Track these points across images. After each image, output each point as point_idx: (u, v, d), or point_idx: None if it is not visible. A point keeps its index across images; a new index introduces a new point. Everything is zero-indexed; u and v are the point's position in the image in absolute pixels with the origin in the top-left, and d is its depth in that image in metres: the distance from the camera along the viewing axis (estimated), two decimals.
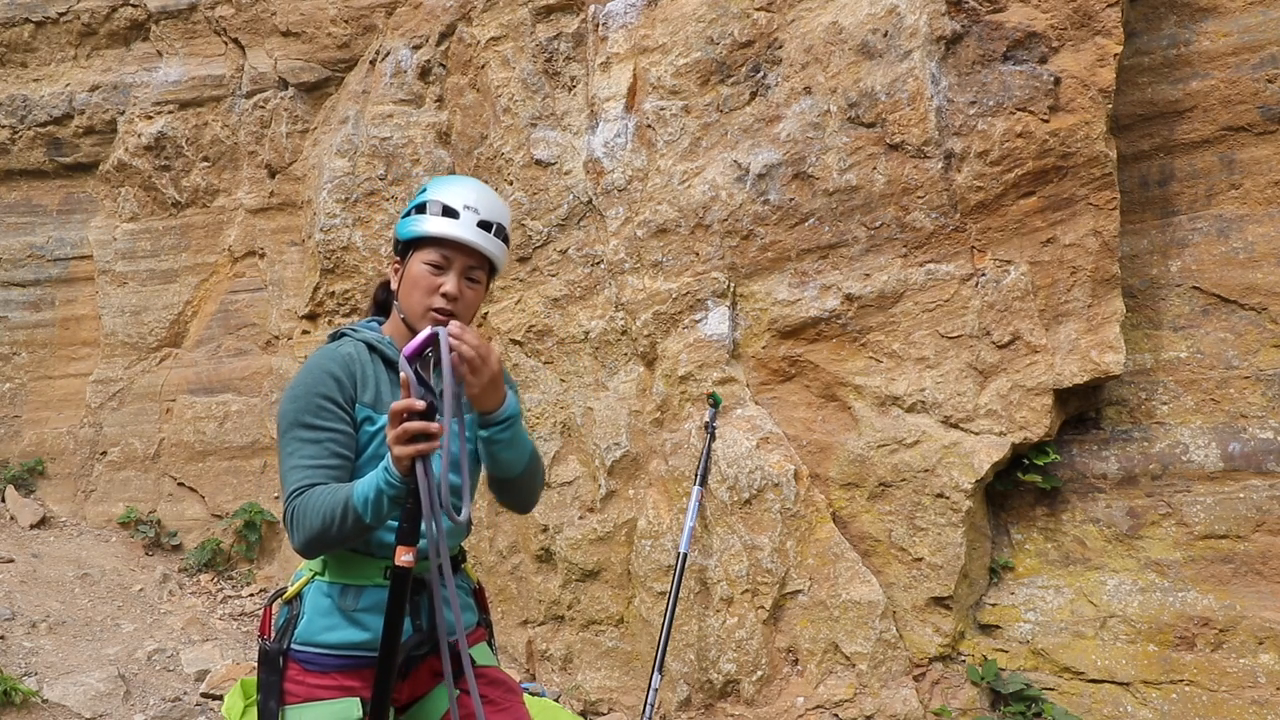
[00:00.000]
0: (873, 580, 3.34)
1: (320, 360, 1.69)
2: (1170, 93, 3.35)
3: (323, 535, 1.57)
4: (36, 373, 5.85)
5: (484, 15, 4.40)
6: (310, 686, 1.67)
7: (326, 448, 1.64)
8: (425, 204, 1.75)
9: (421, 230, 1.73)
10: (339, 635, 1.69)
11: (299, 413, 1.64)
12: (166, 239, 5.62)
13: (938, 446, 3.29)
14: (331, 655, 1.69)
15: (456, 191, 1.76)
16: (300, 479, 1.62)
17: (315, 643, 1.69)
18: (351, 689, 1.69)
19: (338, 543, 1.59)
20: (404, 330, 1.77)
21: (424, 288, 1.72)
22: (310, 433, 1.64)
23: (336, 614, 1.70)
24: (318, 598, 1.72)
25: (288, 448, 1.64)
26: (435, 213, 1.74)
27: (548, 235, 4.06)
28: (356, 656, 1.71)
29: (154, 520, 5.37)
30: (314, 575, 1.73)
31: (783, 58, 3.61)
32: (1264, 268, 3.17)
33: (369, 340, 1.76)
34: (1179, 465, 3.18)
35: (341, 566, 1.72)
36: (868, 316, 3.43)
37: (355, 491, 1.55)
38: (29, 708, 3.43)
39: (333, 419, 1.65)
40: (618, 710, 3.71)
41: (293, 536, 1.61)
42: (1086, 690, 3.13)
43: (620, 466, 3.80)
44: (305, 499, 1.60)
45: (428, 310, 1.72)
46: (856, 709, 3.27)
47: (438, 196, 1.75)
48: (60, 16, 5.70)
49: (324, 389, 1.65)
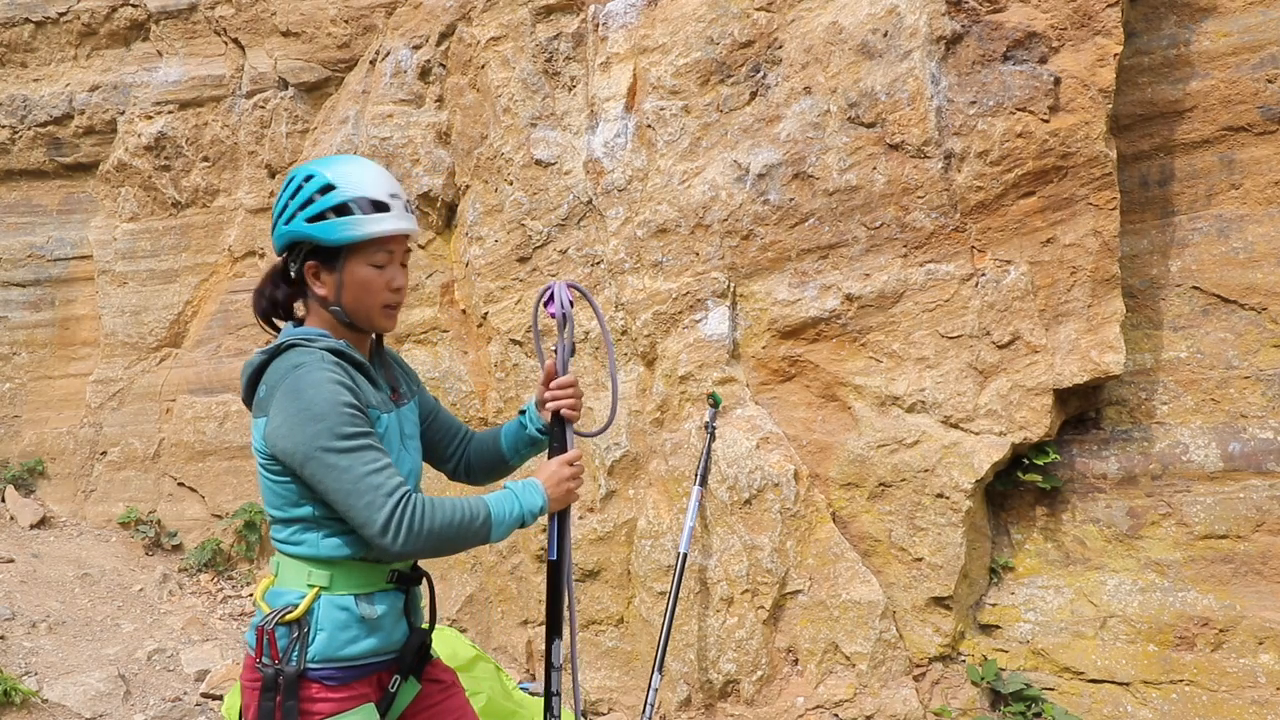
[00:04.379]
0: (873, 580, 3.34)
1: (322, 374, 1.61)
2: (1170, 93, 3.35)
3: (445, 541, 1.62)
4: (36, 373, 5.85)
5: (484, 15, 4.40)
6: (336, 702, 1.65)
7: (379, 450, 1.62)
8: (346, 204, 1.67)
9: (361, 233, 1.67)
10: (363, 646, 1.69)
11: (336, 426, 1.57)
12: (166, 239, 5.62)
13: (938, 446, 3.29)
14: (354, 667, 1.69)
15: (366, 180, 1.70)
16: (392, 481, 1.59)
17: (339, 658, 1.66)
18: (367, 695, 1.71)
19: (450, 551, 1.66)
20: (350, 334, 1.76)
21: (376, 288, 1.72)
22: (358, 440, 1.59)
23: (356, 625, 1.68)
24: (333, 612, 1.66)
25: (341, 461, 1.56)
26: (365, 210, 1.67)
27: (548, 235, 4.06)
28: (375, 663, 1.73)
29: (154, 520, 5.38)
30: (320, 590, 1.67)
31: (783, 58, 3.61)
32: (1264, 268, 3.17)
33: (333, 348, 1.68)
34: (1179, 465, 3.18)
35: (351, 576, 1.70)
36: (868, 316, 3.43)
37: (494, 510, 1.67)
38: (29, 708, 3.43)
39: (366, 423, 1.63)
40: (618, 710, 3.71)
41: (403, 538, 1.56)
42: (1086, 690, 3.13)
43: (620, 466, 3.80)
44: (423, 501, 1.61)
45: (382, 307, 1.75)
46: (856, 709, 3.27)
47: (356, 191, 1.67)
48: (60, 16, 5.71)
49: (345, 398, 1.60)
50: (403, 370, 1.98)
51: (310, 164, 1.74)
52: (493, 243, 4.22)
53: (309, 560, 1.68)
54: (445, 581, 4.32)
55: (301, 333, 1.73)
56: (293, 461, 1.59)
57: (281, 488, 1.67)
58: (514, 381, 4.12)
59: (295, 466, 1.59)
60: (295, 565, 1.69)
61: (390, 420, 1.77)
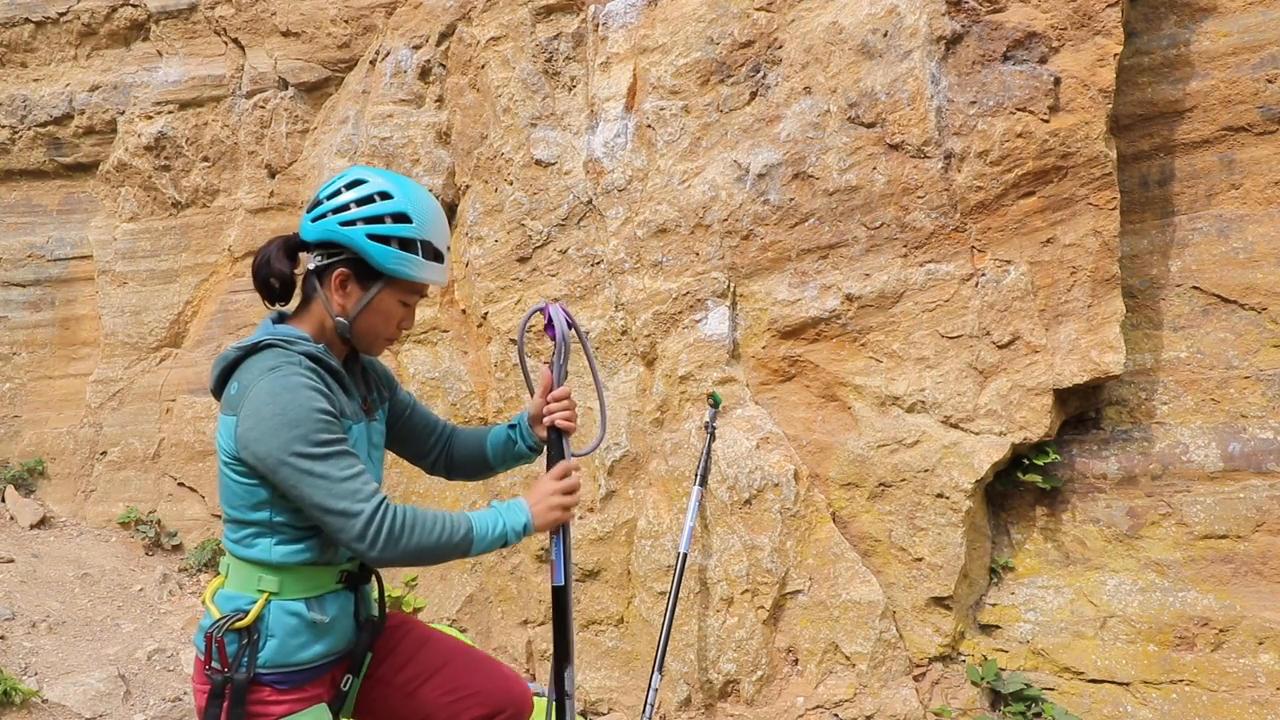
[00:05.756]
0: (873, 580, 3.34)
1: (296, 379, 1.59)
2: (1170, 93, 3.35)
3: (425, 552, 1.62)
4: (36, 373, 5.85)
5: (484, 15, 4.40)
6: (288, 704, 1.65)
7: (354, 456, 1.63)
8: (415, 242, 1.70)
9: (415, 275, 1.71)
10: (313, 651, 1.70)
11: (310, 433, 1.56)
12: (166, 239, 5.62)
13: (938, 446, 3.29)
14: (305, 670, 1.69)
15: (436, 226, 1.74)
16: (368, 488, 1.59)
17: (289, 664, 1.66)
18: (319, 695, 1.72)
19: (427, 562, 1.66)
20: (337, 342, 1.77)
21: (392, 322, 1.77)
22: (333, 446, 1.59)
23: (306, 631, 1.68)
24: (283, 618, 1.66)
25: (317, 468, 1.56)
26: (428, 257, 1.73)
27: (548, 235, 4.06)
28: (327, 664, 1.74)
29: (154, 520, 5.37)
30: (269, 596, 1.66)
31: (783, 58, 3.61)
32: (1264, 268, 3.17)
33: (310, 353, 1.68)
34: (1179, 465, 3.18)
35: (301, 580, 1.69)
36: (868, 316, 3.43)
37: (476, 526, 1.68)
38: (29, 708, 3.43)
39: (340, 430, 1.63)
40: (618, 710, 3.71)
41: (378, 544, 1.57)
42: (1086, 690, 3.13)
43: (620, 466, 3.80)
44: (404, 511, 1.61)
45: (385, 339, 1.79)
46: (856, 709, 3.27)
47: (426, 234, 1.71)
48: (60, 16, 5.71)
49: (320, 404, 1.59)
50: (375, 375, 1.97)
51: (383, 177, 1.72)
52: (493, 243, 4.22)
53: (260, 565, 1.67)
54: (445, 581, 4.32)
55: (281, 333, 1.70)
56: (264, 466, 1.57)
57: (242, 489, 1.65)
58: (514, 381, 4.12)
59: (267, 471, 1.58)
60: (245, 569, 1.68)
61: (359, 431, 1.77)
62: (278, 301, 1.78)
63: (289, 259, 1.75)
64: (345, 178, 1.72)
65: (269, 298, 1.77)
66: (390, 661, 1.88)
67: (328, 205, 1.70)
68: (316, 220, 1.71)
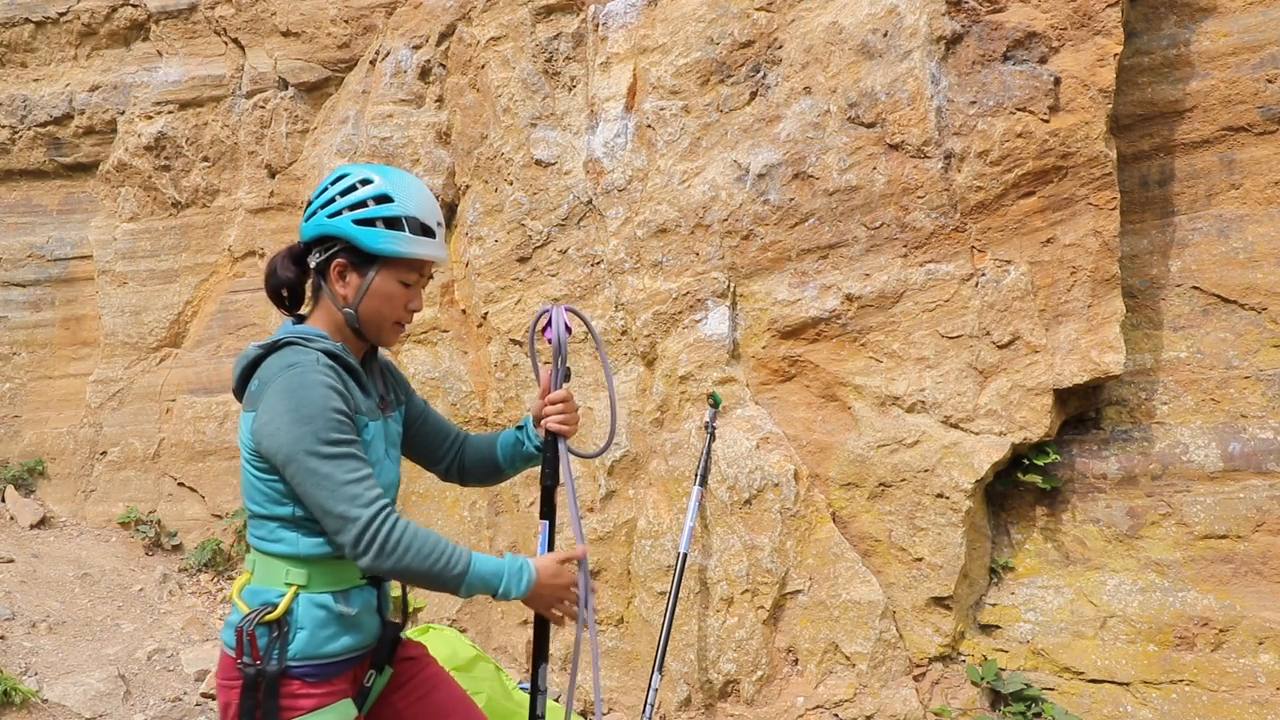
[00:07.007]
0: (873, 580, 3.34)
1: (314, 376, 1.62)
2: (1170, 93, 3.35)
3: (416, 573, 1.63)
4: (36, 373, 5.85)
5: (484, 15, 4.40)
6: (317, 697, 1.67)
7: (362, 460, 1.63)
8: (400, 219, 1.72)
9: (406, 251, 1.72)
10: (342, 643, 1.71)
11: (322, 431, 1.58)
12: (166, 239, 5.62)
13: (938, 446, 3.29)
14: (333, 663, 1.71)
15: (421, 202, 1.76)
16: (370, 493, 1.60)
17: (318, 656, 1.68)
18: (345, 690, 1.74)
19: (413, 583, 1.67)
20: (353, 338, 1.79)
21: (396, 304, 1.77)
22: (343, 447, 1.60)
23: (334, 623, 1.70)
24: (311, 611, 1.68)
25: (323, 468, 1.57)
26: (415, 232, 1.73)
27: (548, 235, 4.06)
28: (352, 658, 1.76)
29: (154, 520, 5.37)
30: (298, 589, 1.68)
31: (783, 58, 3.61)
32: (1264, 268, 3.17)
33: (329, 350, 1.70)
34: (1179, 465, 3.18)
35: (328, 574, 1.71)
36: (868, 316, 3.43)
37: (474, 569, 1.67)
38: (29, 708, 3.43)
39: (352, 431, 1.64)
40: (618, 710, 3.71)
41: (369, 553, 1.58)
42: (1086, 690, 3.13)
43: (620, 466, 3.80)
44: (403, 527, 1.61)
45: (394, 323, 1.79)
46: (856, 709, 3.27)
47: (410, 210, 1.73)
48: (60, 16, 5.71)
49: (335, 403, 1.61)
50: (393, 377, 2.00)
51: (366, 168, 1.77)
52: (493, 243, 4.22)
53: (287, 558, 1.69)
54: None
55: (300, 331, 1.74)
56: (276, 460, 1.60)
57: (265, 484, 1.67)
58: (514, 381, 4.12)
59: (278, 465, 1.61)
60: (273, 563, 1.70)
61: (377, 428, 1.78)
62: (293, 309, 1.84)
63: (294, 265, 1.80)
64: (332, 176, 1.78)
65: (283, 307, 1.82)
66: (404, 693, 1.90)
67: (316, 203, 1.76)
68: (309, 219, 1.76)
